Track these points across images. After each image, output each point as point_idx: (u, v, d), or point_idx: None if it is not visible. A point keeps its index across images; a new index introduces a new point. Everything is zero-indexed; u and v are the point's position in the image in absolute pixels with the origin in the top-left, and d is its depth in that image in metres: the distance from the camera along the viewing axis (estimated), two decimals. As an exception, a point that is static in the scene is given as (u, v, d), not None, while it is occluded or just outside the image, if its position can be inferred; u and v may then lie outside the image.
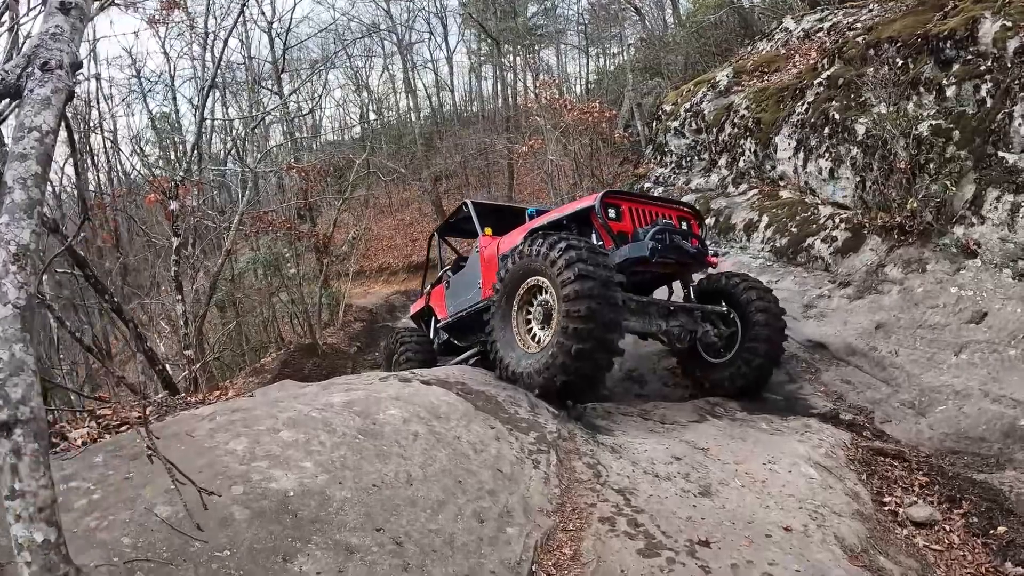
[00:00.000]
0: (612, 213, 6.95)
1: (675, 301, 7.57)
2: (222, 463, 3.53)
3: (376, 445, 4.20)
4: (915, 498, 5.30)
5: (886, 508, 5.11)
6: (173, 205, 10.66)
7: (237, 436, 3.88)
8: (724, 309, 7.51)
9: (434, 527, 3.52)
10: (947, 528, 4.92)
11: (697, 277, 7.89)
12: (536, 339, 6.52)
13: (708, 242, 8.32)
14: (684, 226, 7.40)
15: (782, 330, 7.30)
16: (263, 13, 25.44)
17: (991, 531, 4.89)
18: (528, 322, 6.68)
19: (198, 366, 10.26)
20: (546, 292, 6.31)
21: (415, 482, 3.89)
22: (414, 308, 11.04)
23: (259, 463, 3.60)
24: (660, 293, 8.18)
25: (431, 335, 10.08)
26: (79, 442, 3.80)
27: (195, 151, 13.17)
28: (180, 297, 10.61)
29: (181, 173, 11.55)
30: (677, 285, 8.02)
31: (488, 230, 8.54)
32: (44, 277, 13.05)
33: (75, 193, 24.95)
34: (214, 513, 3.08)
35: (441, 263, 10.25)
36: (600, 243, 6.83)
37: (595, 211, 6.89)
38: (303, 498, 3.35)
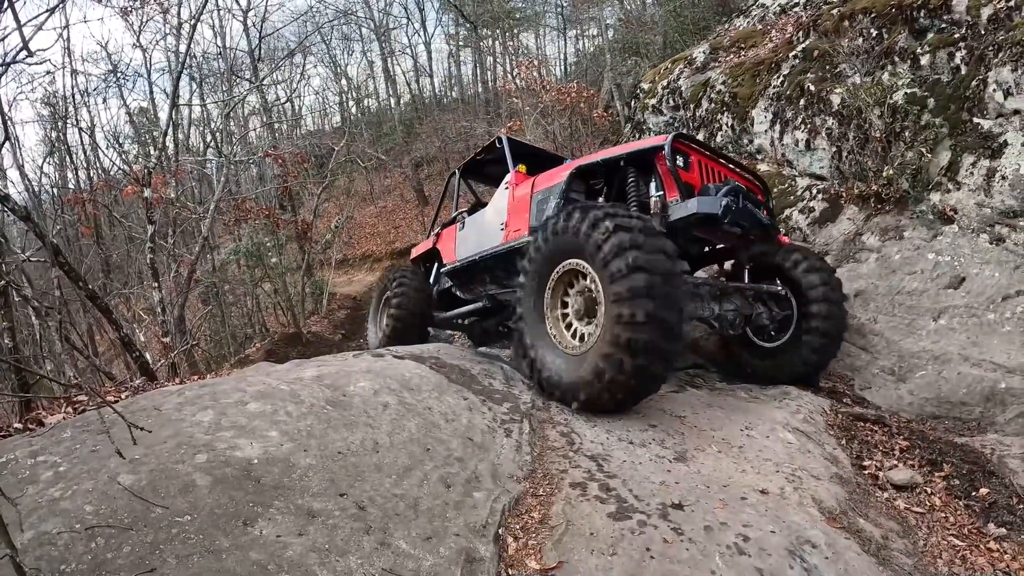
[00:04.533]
0: (680, 161, 5.99)
1: (727, 281, 6.84)
2: (187, 433, 3.50)
3: (344, 415, 4.17)
4: (896, 462, 5.29)
5: (866, 472, 5.09)
6: (147, 192, 10.55)
7: (204, 409, 3.86)
8: (780, 289, 6.74)
9: (399, 492, 3.47)
10: (929, 491, 4.90)
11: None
12: (576, 335, 5.42)
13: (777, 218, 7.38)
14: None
15: (844, 315, 6.60)
16: (237, 3, 25.26)
17: (973, 493, 4.88)
18: (565, 304, 5.60)
19: (175, 353, 10.18)
20: (587, 279, 5.24)
21: (381, 449, 3.85)
22: (417, 250, 9.97)
23: (224, 433, 3.57)
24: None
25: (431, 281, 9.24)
26: (54, 426, 3.78)
27: (166, 136, 13.03)
28: (156, 284, 10.54)
29: (154, 160, 11.44)
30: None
31: (522, 167, 7.59)
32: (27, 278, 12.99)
33: (53, 191, 24.90)
34: (176, 481, 3.06)
35: (457, 205, 9.48)
36: (661, 193, 5.98)
37: (664, 154, 5.91)
38: (267, 465, 3.32)
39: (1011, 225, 6.38)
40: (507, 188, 7.48)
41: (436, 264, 9.21)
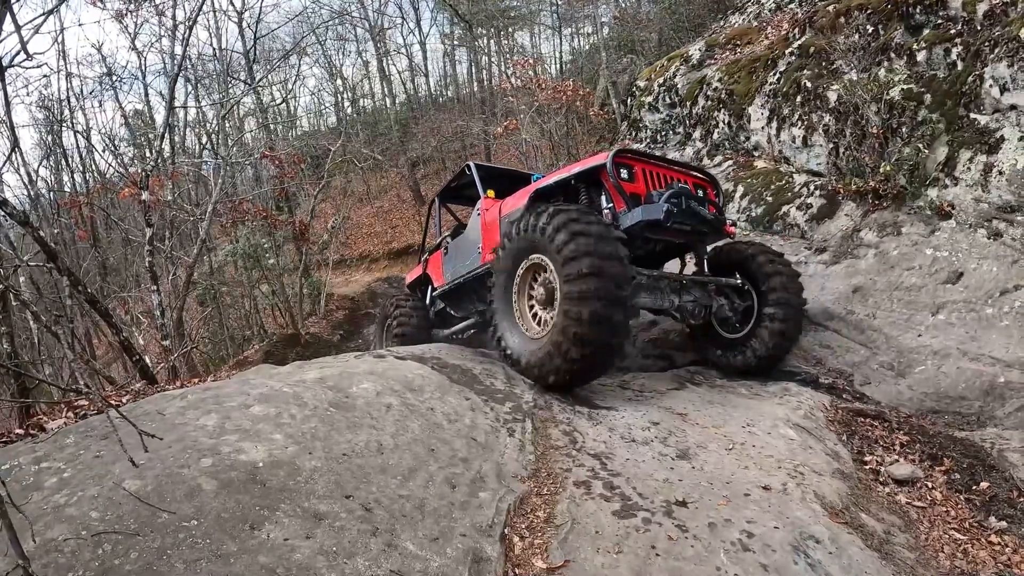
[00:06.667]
0: (624, 174, 6.38)
1: (686, 274, 7.04)
2: (192, 438, 3.50)
3: (347, 417, 4.17)
4: (896, 457, 5.30)
5: (867, 467, 5.10)
6: (145, 196, 10.53)
7: (208, 412, 3.86)
8: (738, 282, 7.04)
9: (404, 493, 3.48)
10: (929, 485, 4.91)
11: (710, 248, 7.43)
12: (539, 320, 6.08)
13: (725, 210, 7.72)
14: (700, 193, 6.80)
15: (801, 304, 6.86)
16: (232, 4, 25.24)
17: (974, 487, 4.89)
18: (530, 297, 6.22)
19: (175, 356, 10.17)
20: (548, 271, 5.83)
21: (386, 451, 3.86)
22: (410, 276, 10.65)
23: (228, 436, 3.56)
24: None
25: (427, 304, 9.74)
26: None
27: (163, 139, 13.00)
28: (155, 287, 10.52)
29: (152, 163, 11.41)
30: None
31: (490, 192, 8.14)
32: (23, 279, 12.97)
33: (50, 195, 24.86)
34: (182, 485, 3.05)
35: (440, 230, 9.89)
36: (611, 205, 6.40)
37: (607, 170, 6.30)
38: (272, 468, 3.31)
39: (1008, 220, 6.40)
40: (479, 214, 8.05)
41: (429, 287, 9.69)
